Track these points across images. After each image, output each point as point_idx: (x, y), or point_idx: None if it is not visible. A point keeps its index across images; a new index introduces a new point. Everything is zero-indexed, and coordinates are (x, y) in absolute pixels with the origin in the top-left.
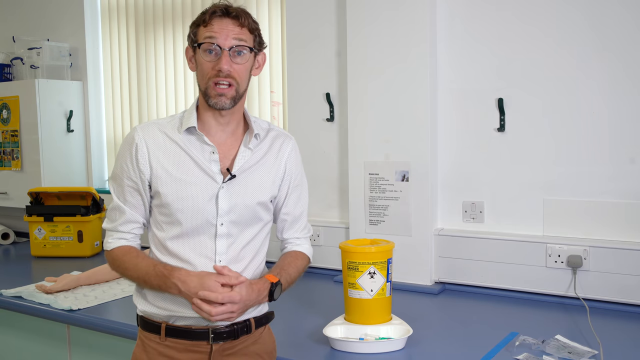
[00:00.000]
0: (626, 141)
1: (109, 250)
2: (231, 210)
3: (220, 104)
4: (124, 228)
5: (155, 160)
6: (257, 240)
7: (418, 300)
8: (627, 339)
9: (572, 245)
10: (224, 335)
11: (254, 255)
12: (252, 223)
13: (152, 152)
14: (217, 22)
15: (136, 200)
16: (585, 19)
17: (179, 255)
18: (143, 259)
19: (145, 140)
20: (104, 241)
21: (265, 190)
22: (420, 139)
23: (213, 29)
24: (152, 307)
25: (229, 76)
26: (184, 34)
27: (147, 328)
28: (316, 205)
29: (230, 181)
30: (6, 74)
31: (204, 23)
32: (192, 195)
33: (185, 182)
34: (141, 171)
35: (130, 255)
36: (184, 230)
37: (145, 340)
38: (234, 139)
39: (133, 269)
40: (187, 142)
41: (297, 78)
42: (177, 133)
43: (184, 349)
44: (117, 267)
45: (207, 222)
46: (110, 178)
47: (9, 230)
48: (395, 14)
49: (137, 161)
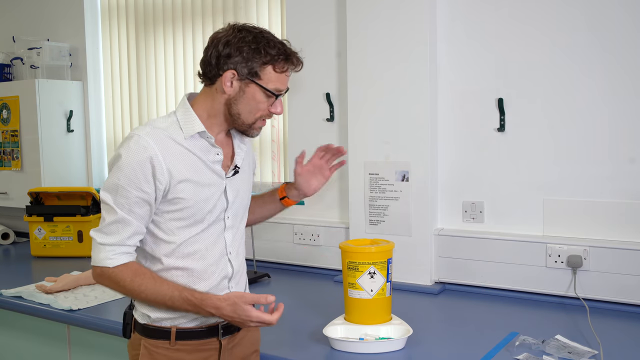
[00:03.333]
0: (626, 141)
1: (111, 268)
2: (234, 202)
3: (256, 134)
4: (130, 241)
5: (173, 167)
6: (242, 228)
7: (418, 300)
8: (627, 339)
9: (572, 245)
10: (231, 328)
11: (243, 243)
12: (245, 211)
13: (167, 160)
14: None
15: (143, 211)
16: (585, 19)
17: (194, 255)
18: (161, 282)
19: (158, 149)
20: (96, 257)
21: (250, 176)
22: (420, 139)
23: (284, 80)
24: (162, 312)
25: None
26: (184, 34)
27: (154, 336)
28: (316, 205)
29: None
30: (6, 74)
31: (278, 68)
32: (208, 196)
33: (201, 184)
34: (158, 180)
35: (143, 276)
36: (202, 230)
37: (151, 348)
38: (226, 136)
39: (152, 292)
40: (193, 146)
41: (297, 78)
42: (182, 137)
43: (194, 350)
44: (124, 288)
45: (219, 218)
46: (108, 189)
47: (9, 230)
48: (396, 14)
49: (154, 170)
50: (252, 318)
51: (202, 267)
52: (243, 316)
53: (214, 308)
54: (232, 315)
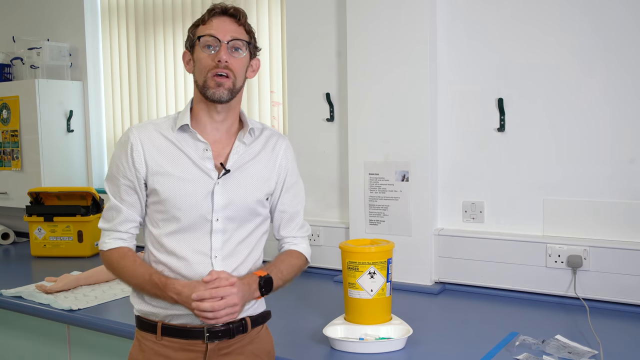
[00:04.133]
0: (626, 141)
1: (105, 251)
2: (227, 206)
3: (219, 94)
4: (121, 227)
5: (151, 158)
6: (253, 237)
7: (418, 300)
8: (627, 339)
9: (572, 245)
10: (219, 334)
11: (249, 252)
12: (248, 219)
13: (147, 150)
14: (216, 19)
15: (132, 199)
16: (586, 19)
17: (175, 252)
18: (140, 265)
19: (140, 139)
20: (99, 241)
21: (260, 186)
22: (420, 138)
23: (212, 26)
24: (149, 306)
25: (227, 68)
26: (184, 34)
27: (144, 327)
28: (316, 205)
29: (226, 177)
30: (6, 74)
31: (203, 22)
32: (188, 192)
33: (181, 179)
34: (137, 169)
35: (127, 259)
36: (181, 227)
37: (141, 339)
38: (228, 137)
39: (130, 274)
40: (181, 140)
41: (297, 78)
42: (171, 131)
43: (180, 348)
44: (113, 270)
45: (202, 218)
46: (106, 178)
47: (9, 230)
48: (396, 14)
49: (133, 159)
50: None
51: (182, 265)
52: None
53: (175, 293)
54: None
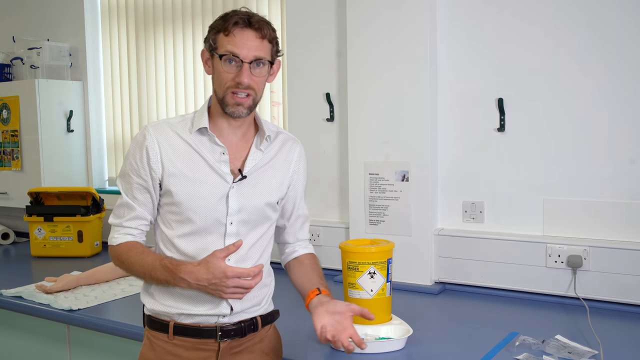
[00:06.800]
0: (626, 141)
1: (115, 246)
2: (241, 210)
3: (237, 113)
4: (131, 224)
5: (167, 159)
6: (263, 240)
7: (418, 300)
8: (627, 339)
9: (572, 245)
10: (232, 332)
11: (260, 255)
12: (260, 223)
13: (164, 151)
14: (239, 33)
15: (145, 198)
16: (586, 19)
17: (187, 254)
18: (149, 254)
19: (157, 139)
20: (109, 237)
21: (273, 191)
22: (420, 139)
23: (235, 41)
24: (161, 305)
25: (248, 87)
26: (184, 34)
27: (155, 327)
28: (316, 205)
29: (241, 182)
30: (6, 74)
31: (225, 32)
32: (203, 194)
33: (196, 181)
34: (152, 169)
35: (135, 250)
36: (195, 229)
37: (152, 339)
38: (244, 141)
39: (139, 263)
40: (198, 142)
41: (297, 78)
42: (188, 133)
43: (192, 347)
44: (122, 263)
45: (217, 221)
46: (119, 175)
47: (9, 230)
48: (396, 14)
49: (149, 159)
50: (228, 273)
51: None
52: (217, 273)
53: (187, 273)
54: (207, 277)
